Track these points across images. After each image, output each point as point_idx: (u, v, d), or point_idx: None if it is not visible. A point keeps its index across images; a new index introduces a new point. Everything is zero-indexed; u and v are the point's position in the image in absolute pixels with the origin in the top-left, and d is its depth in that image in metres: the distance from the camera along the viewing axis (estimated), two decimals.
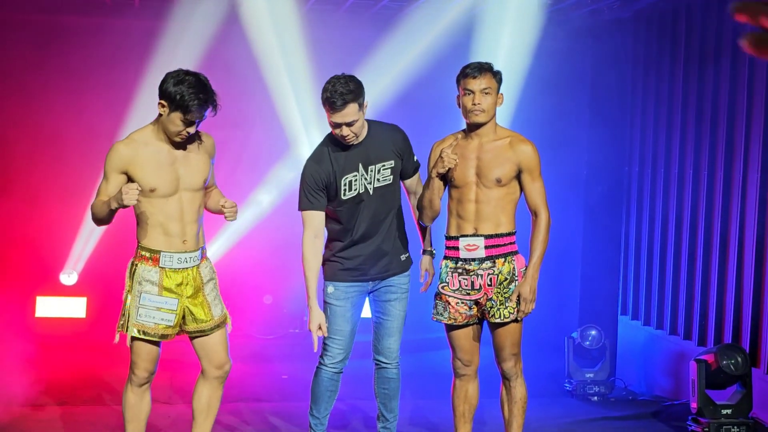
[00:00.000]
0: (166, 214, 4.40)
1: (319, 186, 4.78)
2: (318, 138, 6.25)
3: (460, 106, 4.74)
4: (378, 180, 4.82)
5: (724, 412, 5.99)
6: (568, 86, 8.38)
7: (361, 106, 4.66)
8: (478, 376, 4.98)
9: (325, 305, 4.92)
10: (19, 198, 8.80)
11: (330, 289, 4.87)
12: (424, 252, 5.06)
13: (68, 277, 8.94)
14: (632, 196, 8.01)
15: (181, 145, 4.45)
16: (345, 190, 4.78)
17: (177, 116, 4.31)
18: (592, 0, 7.72)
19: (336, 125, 4.65)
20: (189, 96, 4.26)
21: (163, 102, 4.34)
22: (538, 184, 4.74)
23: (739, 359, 6.01)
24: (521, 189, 4.79)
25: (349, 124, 4.64)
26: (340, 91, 4.56)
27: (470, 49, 8.21)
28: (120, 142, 4.40)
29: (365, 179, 4.80)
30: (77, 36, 8.73)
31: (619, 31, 8.04)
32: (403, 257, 4.95)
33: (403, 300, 4.96)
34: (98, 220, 4.43)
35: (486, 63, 4.72)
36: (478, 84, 4.63)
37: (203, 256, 4.58)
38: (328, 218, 4.89)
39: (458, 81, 4.73)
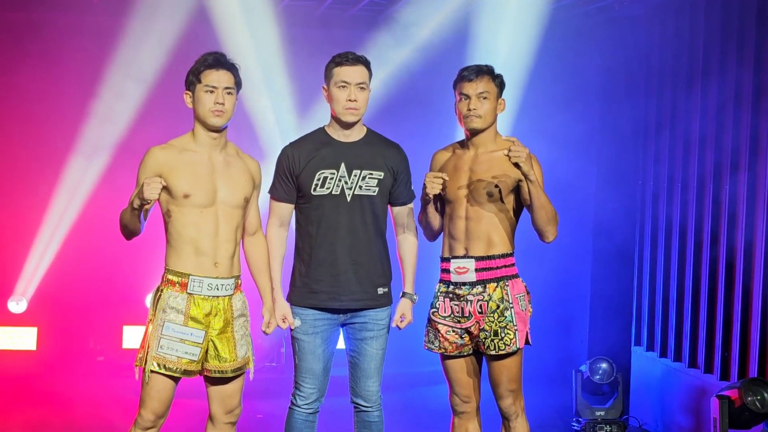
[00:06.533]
0: (199, 228, 4.36)
1: (288, 171, 4.73)
2: None
3: (457, 113, 4.75)
4: (360, 187, 4.69)
5: None
6: (574, 90, 8.46)
7: (369, 78, 4.73)
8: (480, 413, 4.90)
9: (293, 340, 4.79)
10: None
11: (296, 321, 4.73)
12: (403, 294, 4.90)
13: (17, 305, 8.92)
14: (647, 212, 7.94)
15: (221, 158, 4.48)
16: (317, 185, 4.68)
17: (200, 89, 4.37)
18: None
19: (344, 84, 4.63)
20: (200, 60, 4.42)
21: (187, 91, 4.44)
22: None
23: (766, 395, 5.91)
24: (520, 206, 4.72)
25: (359, 87, 4.63)
26: (353, 54, 4.73)
27: (466, 50, 8.26)
28: (156, 146, 4.45)
29: (345, 182, 4.68)
30: (32, 33, 8.78)
31: (630, 30, 8.05)
32: (381, 291, 4.77)
33: (381, 338, 4.79)
34: (124, 227, 4.41)
35: (485, 65, 4.72)
36: (474, 87, 4.63)
37: (237, 288, 4.50)
38: (299, 226, 4.80)
39: (455, 85, 4.75)
